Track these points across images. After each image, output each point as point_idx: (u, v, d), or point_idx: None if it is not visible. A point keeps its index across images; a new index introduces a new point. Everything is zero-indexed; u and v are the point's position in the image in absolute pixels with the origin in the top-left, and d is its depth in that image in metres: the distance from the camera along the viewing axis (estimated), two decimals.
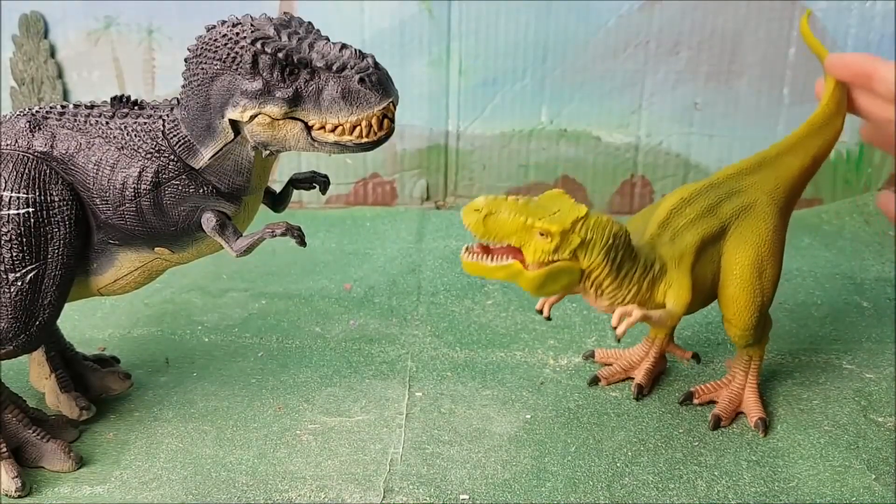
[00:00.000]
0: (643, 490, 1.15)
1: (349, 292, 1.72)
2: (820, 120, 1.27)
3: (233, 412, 1.32)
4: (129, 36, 2.10)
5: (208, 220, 1.11)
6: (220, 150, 1.08)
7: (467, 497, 1.14)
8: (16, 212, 1.09)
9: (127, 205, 1.11)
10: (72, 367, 1.35)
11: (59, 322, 1.24)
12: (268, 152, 1.08)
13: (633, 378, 1.38)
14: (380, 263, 1.86)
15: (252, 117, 1.04)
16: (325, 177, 1.26)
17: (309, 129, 1.04)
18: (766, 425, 1.27)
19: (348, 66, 1.01)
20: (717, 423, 1.28)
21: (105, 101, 1.17)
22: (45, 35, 2.10)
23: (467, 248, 1.12)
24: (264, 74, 1.01)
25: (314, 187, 1.25)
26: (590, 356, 1.46)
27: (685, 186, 1.24)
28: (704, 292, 1.21)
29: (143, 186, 1.10)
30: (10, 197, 1.09)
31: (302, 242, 1.12)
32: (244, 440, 1.25)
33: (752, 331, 1.22)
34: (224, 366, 1.46)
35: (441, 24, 2.05)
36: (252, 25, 1.03)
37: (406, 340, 1.54)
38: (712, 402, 1.33)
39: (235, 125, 1.06)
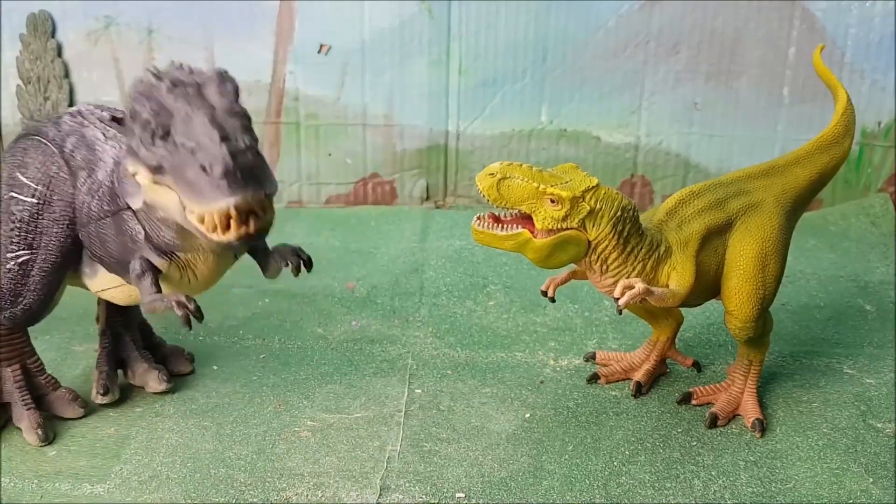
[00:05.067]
0: (640, 489, 1.15)
1: (352, 291, 1.73)
2: (829, 139, 1.34)
3: (233, 408, 1.32)
4: (129, 36, 2.10)
5: (133, 265, 1.08)
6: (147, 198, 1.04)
7: (463, 495, 1.14)
8: (24, 199, 1.14)
9: (84, 227, 1.13)
10: (121, 351, 1.36)
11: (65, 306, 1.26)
12: (161, 215, 1.02)
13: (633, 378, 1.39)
14: (383, 263, 1.86)
15: (133, 174, 0.99)
16: (307, 258, 1.18)
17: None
18: (762, 426, 1.27)
19: (199, 149, 0.89)
20: (713, 422, 1.28)
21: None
22: (53, 34, 2.11)
23: (478, 217, 1.14)
24: (137, 132, 0.95)
25: (288, 265, 1.18)
26: (590, 358, 1.46)
27: (692, 185, 1.27)
28: (707, 282, 1.22)
29: (96, 213, 1.11)
30: (25, 184, 1.14)
31: (186, 323, 1.02)
32: (243, 436, 1.26)
33: (752, 324, 1.23)
34: (225, 363, 1.46)
35: (441, 24, 2.05)
36: (153, 77, 0.96)
37: (407, 341, 1.54)
38: (710, 404, 1.33)
39: None
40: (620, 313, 1.13)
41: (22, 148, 1.17)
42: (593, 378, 1.40)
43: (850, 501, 1.13)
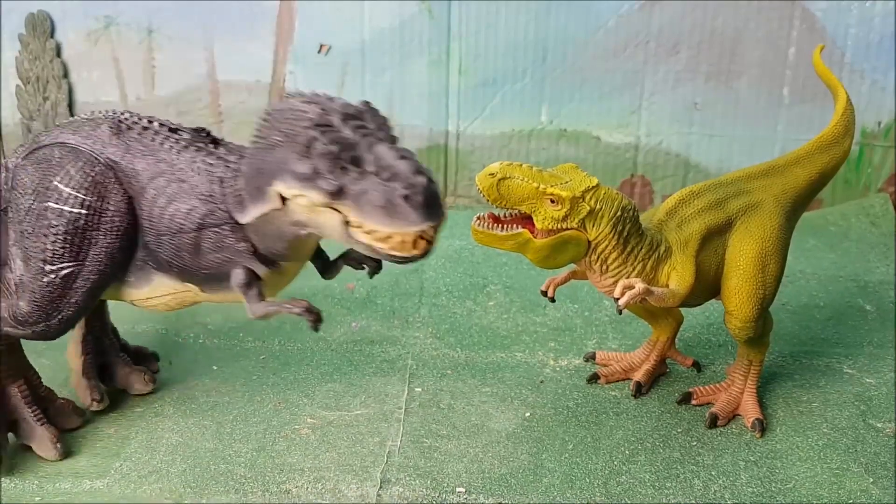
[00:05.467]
0: (640, 488, 1.15)
1: (352, 292, 1.73)
2: (829, 138, 1.34)
3: (233, 407, 1.33)
4: (128, 36, 2.11)
5: (237, 275, 1.12)
6: (266, 213, 1.07)
7: (463, 490, 1.14)
8: (69, 209, 1.10)
9: (168, 237, 1.13)
10: (102, 356, 1.36)
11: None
12: (304, 232, 1.07)
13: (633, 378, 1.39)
14: (383, 262, 1.86)
15: (294, 196, 1.03)
16: (378, 262, 1.25)
17: (348, 223, 1.02)
18: (762, 426, 1.27)
19: (398, 178, 0.98)
20: (713, 422, 1.28)
21: (188, 128, 1.19)
22: (52, 34, 2.11)
23: (478, 217, 1.14)
24: (314, 161, 1.00)
25: (363, 268, 1.26)
26: (590, 358, 1.46)
27: (692, 185, 1.27)
28: (707, 282, 1.22)
29: (188, 225, 1.11)
30: (70, 194, 1.11)
31: (315, 327, 1.12)
32: (243, 434, 1.26)
33: (752, 324, 1.23)
34: (225, 364, 1.46)
35: (441, 24, 2.05)
36: (321, 108, 1.02)
37: (407, 341, 1.54)
38: (710, 405, 1.33)
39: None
40: (620, 313, 1.13)
41: (57, 157, 1.13)
42: (593, 378, 1.40)
43: (850, 501, 1.13)
